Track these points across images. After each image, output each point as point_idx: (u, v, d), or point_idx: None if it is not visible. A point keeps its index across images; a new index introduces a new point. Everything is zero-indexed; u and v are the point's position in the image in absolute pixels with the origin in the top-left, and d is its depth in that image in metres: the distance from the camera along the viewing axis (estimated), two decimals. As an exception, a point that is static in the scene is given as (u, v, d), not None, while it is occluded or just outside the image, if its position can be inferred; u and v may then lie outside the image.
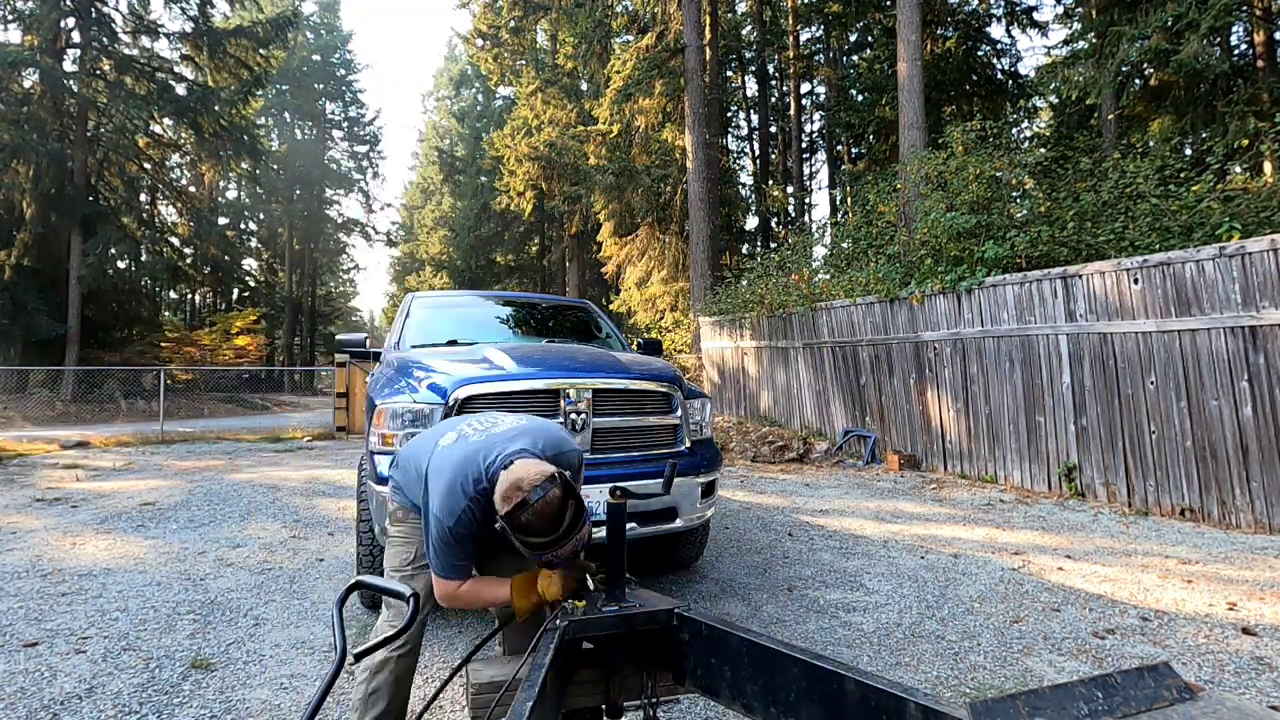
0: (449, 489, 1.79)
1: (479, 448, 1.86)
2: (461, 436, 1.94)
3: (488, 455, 1.82)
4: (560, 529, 1.58)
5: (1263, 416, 4.76)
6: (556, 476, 1.62)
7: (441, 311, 4.93)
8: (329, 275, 44.33)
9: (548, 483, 1.59)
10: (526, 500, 1.57)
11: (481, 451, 1.84)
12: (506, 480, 1.63)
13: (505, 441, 1.87)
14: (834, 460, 8.58)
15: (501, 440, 1.88)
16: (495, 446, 1.85)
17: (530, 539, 1.59)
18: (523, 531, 1.58)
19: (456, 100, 39.16)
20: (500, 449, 1.83)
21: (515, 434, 1.92)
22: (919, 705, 1.16)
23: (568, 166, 19.80)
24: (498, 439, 1.89)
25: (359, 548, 3.37)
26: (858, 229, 10.22)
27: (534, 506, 1.56)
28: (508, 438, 1.89)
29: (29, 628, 3.28)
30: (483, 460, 1.82)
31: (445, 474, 1.82)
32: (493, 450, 1.83)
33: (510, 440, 1.87)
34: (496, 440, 1.88)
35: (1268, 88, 10.67)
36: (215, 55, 18.82)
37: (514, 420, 2.04)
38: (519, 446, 1.84)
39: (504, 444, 1.86)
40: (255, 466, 8.70)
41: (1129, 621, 3.31)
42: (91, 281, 17.12)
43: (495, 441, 1.88)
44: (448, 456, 1.88)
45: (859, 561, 4.40)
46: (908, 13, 10.39)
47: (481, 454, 1.83)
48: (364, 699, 2.00)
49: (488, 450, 1.84)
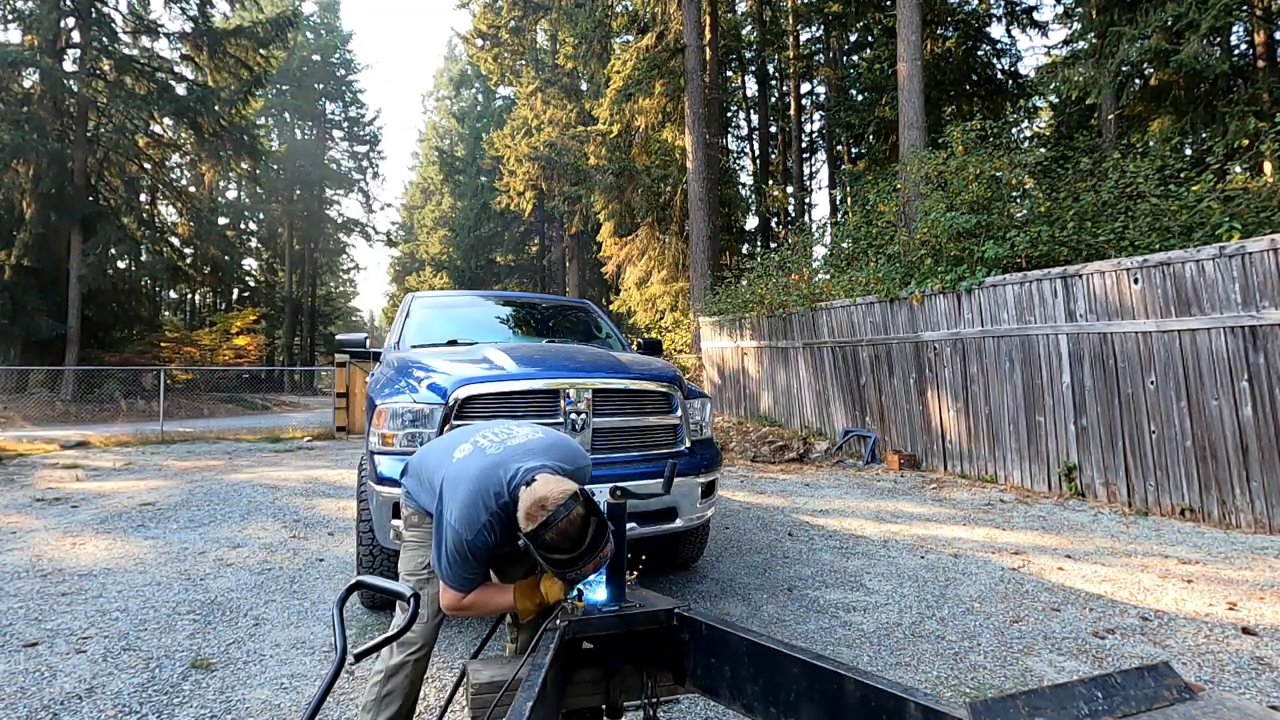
0: (469, 502, 1.78)
1: (497, 461, 1.86)
2: (478, 448, 1.94)
3: (507, 469, 1.82)
4: (583, 546, 1.59)
5: (1263, 416, 4.76)
6: (579, 494, 1.63)
7: (441, 311, 4.93)
8: (329, 275, 44.33)
9: (571, 500, 1.60)
10: (551, 519, 1.57)
11: (500, 465, 1.84)
12: (530, 498, 1.63)
13: (524, 456, 1.87)
14: (834, 460, 8.58)
15: (520, 454, 1.88)
16: (514, 461, 1.85)
17: (553, 556, 1.60)
18: (546, 549, 1.59)
19: (456, 100, 39.19)
20: (519, 464, 1.83)
21: (533, 448, 1.92)
22: (919, 705, 1.16)
23: (568, 166, 19.82)
24: (515, 452, 1.89)
25: (359, 548, 3.36)
26: (858, 229, 10.22)
27: (558, 525, 1.57)
28: (526, 452, 1.89)
29: (29, 628, 3.28)
30: (503, 475, 1.81)
31: (464, 487, 1.82)
32: (511, 464, 1.83)
33: (529, 455, 1.88)
34: (514, 454, 1.88)
35: (1268, 88, 10.67)
36: (215, 55, 18.83)
37: (528, 432, 2.03)
38: (539, 462, 1.84)
39: (523, 458, 1.86)
40: (255, 467, 8.70)
41: (1129, 621, 3.31)
42: (91, 281, 17.12)
43: (513, 455, 1.88)
44: (465, 469, 1.87)
45: (859, 561, 4.40)
46: (908, 13, 10.39)
47: (500, 468, 1.83)
48: (378, 700, 1.99)
49: (506, 464, 1.84)
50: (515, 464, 1.83)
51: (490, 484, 1.80)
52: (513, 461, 1.84)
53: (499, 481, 1.80)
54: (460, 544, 1.77)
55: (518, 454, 1.88)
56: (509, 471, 1.81)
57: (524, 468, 1.81)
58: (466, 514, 1.77)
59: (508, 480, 1.79)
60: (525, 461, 1.84)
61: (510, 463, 1.84)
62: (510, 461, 1.84)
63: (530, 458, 1.86)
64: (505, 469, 1.82)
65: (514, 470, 1.81)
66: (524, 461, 1.84)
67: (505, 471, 1.82)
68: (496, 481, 1.80)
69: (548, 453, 1.91)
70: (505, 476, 1.80)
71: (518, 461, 1.84)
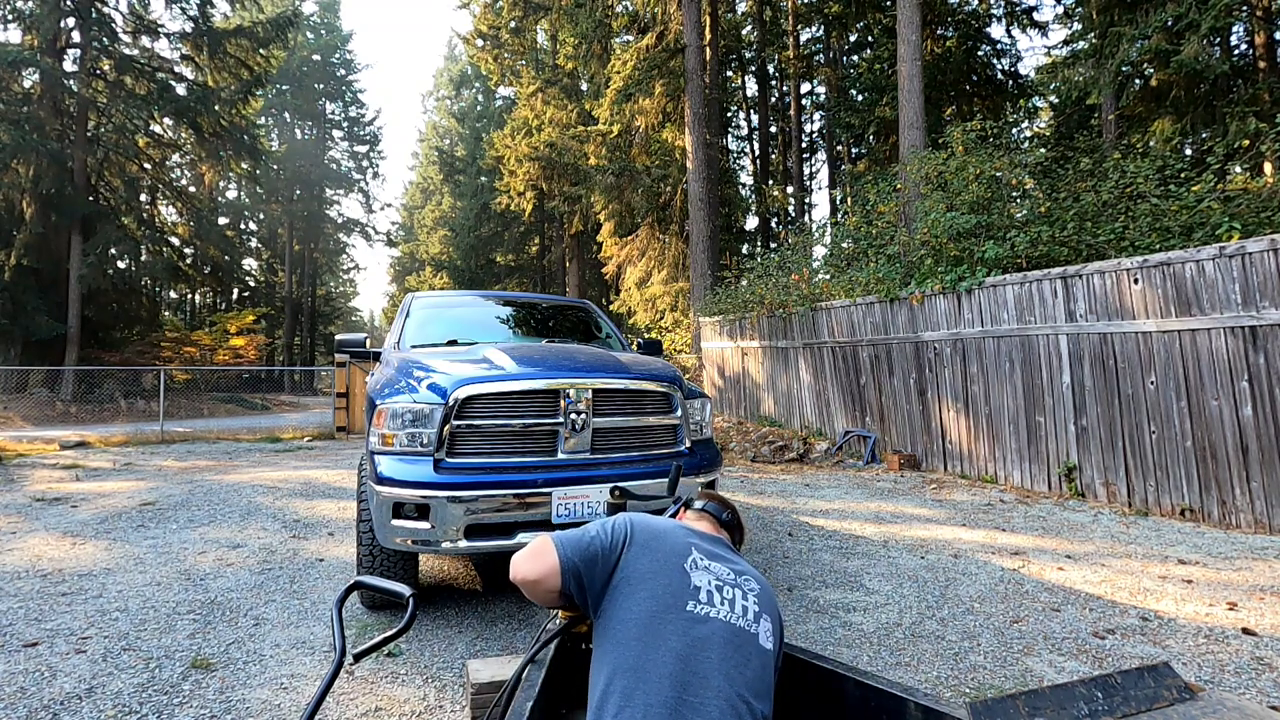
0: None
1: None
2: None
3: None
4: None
5: (1263, 416, 4.76)
6: None
7: (441, 311, 4.93)
8: (329, 275, 44.36)
9: None
10: None
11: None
12: None
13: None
14: (834, 460, 8.57)
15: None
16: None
17: None
18: None
19: (456, 100, 39.18)
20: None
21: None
22: (919, 705, 1.16)
23: (568, 166, 19.80)
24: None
25: (359, 548, 3.36)
26: (858, 229, 10.21)
27: None
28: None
29: (29, 628, 3.28)
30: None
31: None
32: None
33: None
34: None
35: (1268, 88, 10.68)
36: (215, 55, 18.84)
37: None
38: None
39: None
40: (255, 467, 8.70)
41: (1129, 621, 3.31)
42: (91, 281, 17.12)
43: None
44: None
45: (859, 562, 4.40)
46: (908, 13, 10.39)
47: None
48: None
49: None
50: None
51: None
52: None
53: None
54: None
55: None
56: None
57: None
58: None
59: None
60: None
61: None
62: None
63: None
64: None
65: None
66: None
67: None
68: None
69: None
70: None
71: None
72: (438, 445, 3.08)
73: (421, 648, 3.07)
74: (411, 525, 3.01)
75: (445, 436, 3.08)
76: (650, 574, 1.36)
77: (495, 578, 4.07)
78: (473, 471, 3.09)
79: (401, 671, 2.83)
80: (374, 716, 2.48)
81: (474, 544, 3.05)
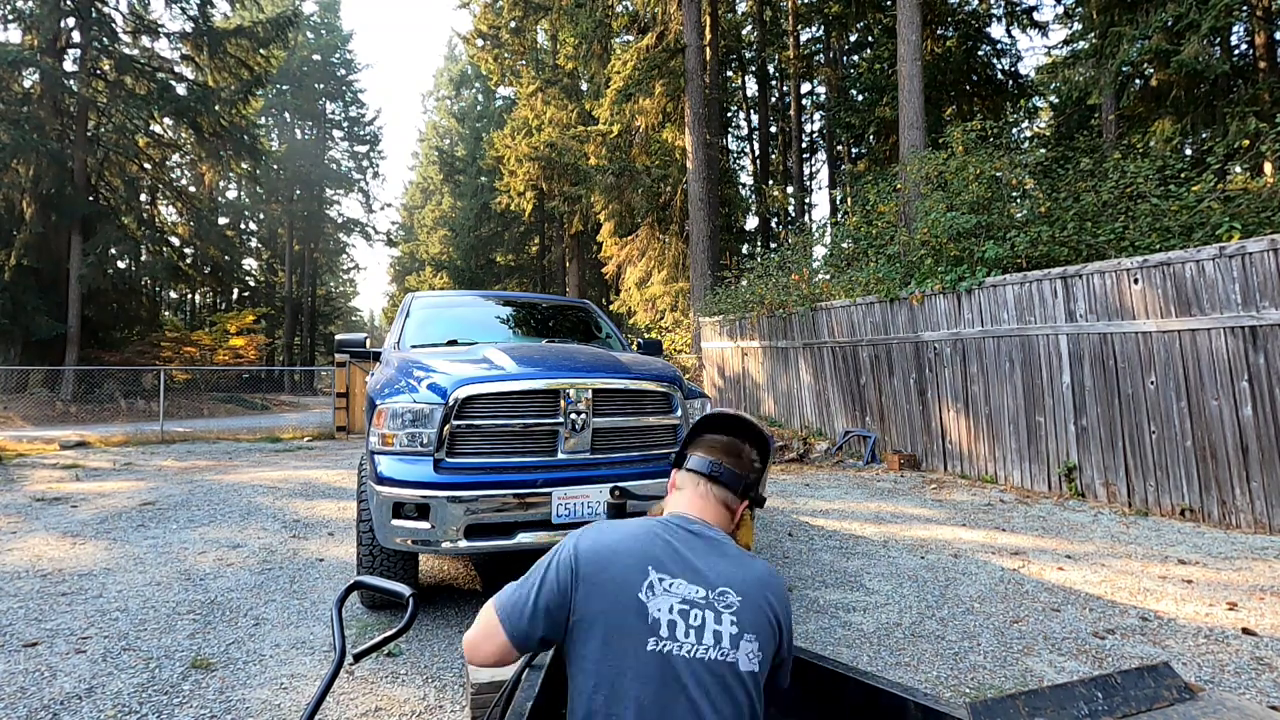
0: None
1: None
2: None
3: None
4: None
5: (1263, 416, 4.76)
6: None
7: (441, 311, 4.93)
8: (329, 275, 44.36)
9: None
10: None
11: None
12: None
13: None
14: (834, 460, 8.58)
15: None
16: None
17: None
18: None
19: (456, 100, 39.18)
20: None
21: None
22: (919, 705, 1.16)
23: (568, 166, 19.81)
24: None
25: (359, 548, 3.36)
26: (858, 229, 10.22)
27: None
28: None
29: (29, 628, 3.28)
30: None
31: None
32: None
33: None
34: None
35: (1268, 88, 10.68)
36: (215, 55, 18.84)
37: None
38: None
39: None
40: (255, 467, 8.70)
41: (1129, 621, 3.31)
42: (91, 281, 17.12)
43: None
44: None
45: (859, 561, 4.40)
46: (908, 13, 10.39)
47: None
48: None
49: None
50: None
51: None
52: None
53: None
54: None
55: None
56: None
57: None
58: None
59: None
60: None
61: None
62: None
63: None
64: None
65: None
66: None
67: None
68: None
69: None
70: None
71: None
72: (438, 445, 3.09)
73: (421, 648, 3.07)
74: (411, 525, 3.01)
75: (445, 436, 3.08)
76: (601, 613, 1.21)
77: (495, 578, 4.07)
78: (473, 471, 3.09)
79: (401, 671, 2.83)
80: (374, 716, 2.48)
81: (474, 544, 3.05)
